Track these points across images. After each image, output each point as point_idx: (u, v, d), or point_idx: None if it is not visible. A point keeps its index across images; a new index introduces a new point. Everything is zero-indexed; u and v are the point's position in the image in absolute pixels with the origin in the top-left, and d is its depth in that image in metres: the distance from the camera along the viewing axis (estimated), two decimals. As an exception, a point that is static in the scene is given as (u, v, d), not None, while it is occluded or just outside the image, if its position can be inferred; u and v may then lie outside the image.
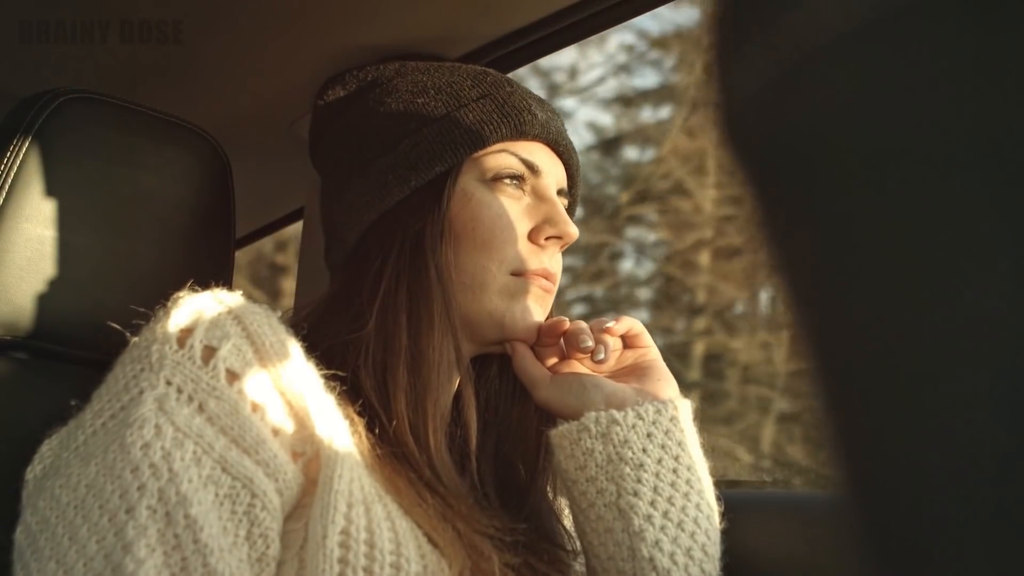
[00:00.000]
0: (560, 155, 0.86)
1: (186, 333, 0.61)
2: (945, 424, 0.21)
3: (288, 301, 1.70)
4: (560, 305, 0.88)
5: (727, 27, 0.25)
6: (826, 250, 0.23)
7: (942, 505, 0.21)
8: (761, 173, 0.25)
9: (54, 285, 0.78)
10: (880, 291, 0.22)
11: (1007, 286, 0.19)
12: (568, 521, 0.81)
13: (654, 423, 0.72)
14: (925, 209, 0.21)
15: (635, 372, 0.79)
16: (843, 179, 0.22)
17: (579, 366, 0.80)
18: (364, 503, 0.61)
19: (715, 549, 0.72)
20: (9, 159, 0.78)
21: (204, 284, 0.68)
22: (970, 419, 0.20)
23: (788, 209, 0.24)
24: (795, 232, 0.24)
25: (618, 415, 0.71)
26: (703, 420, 0.78)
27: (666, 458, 0.71)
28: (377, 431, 0.69)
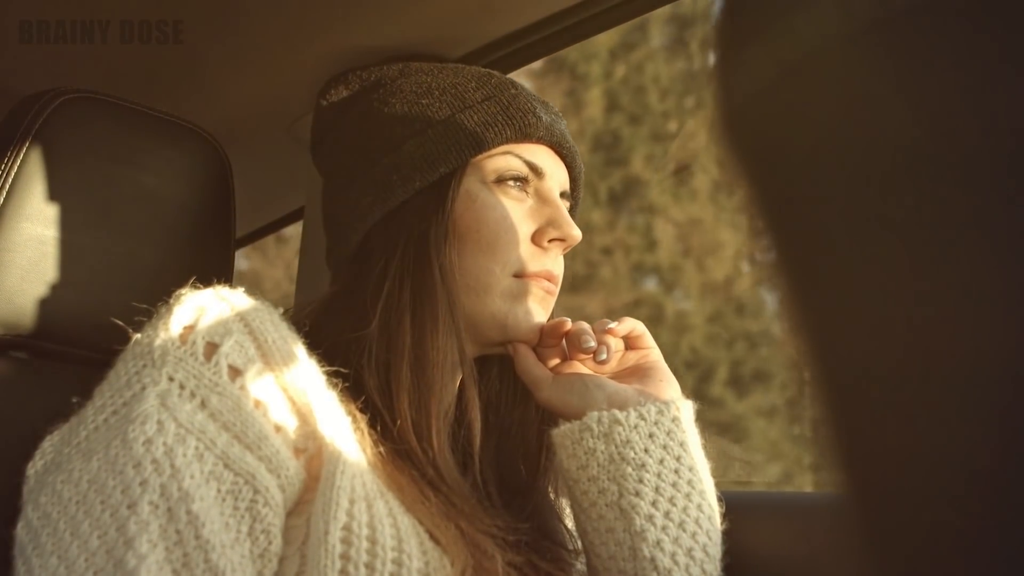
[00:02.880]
0: (563, 158, 0.86)
1: (188, 329, 0.62)
2: (944, 425, 0.21)
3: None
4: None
5: (728, 27, 0.25)
6: (824, 250, 0.23)
7: (940, 506, 0.21)
8: (760, 173, 0.25)
9: (55, 285, 0.78)
10: (878, 292, 0.22)
11: (1004, 288, 0.19)
12: (570, 521, 0.81)
13: (656, 423, 0.72)
14: (924, 210, 0.21)
15: (637, 373, 0.79)
16: (842, 180, 0.22)
17: (581, 367, 0.80)
18: (366, 499, 0.61)
19: (716, 549, 0.73)
20: (9, 159, 0.78)
21: (205, 283, 0.68)
22: (968, 419, 0.20)
23: (787, 209, 0.24)
24: (793, 232, 0.24)
25: (620, 415, 0.71)
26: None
27: (668, 458, 0.71)
28: (379, 429, 0.69)
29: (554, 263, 0.82)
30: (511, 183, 0.81)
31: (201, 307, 0.64)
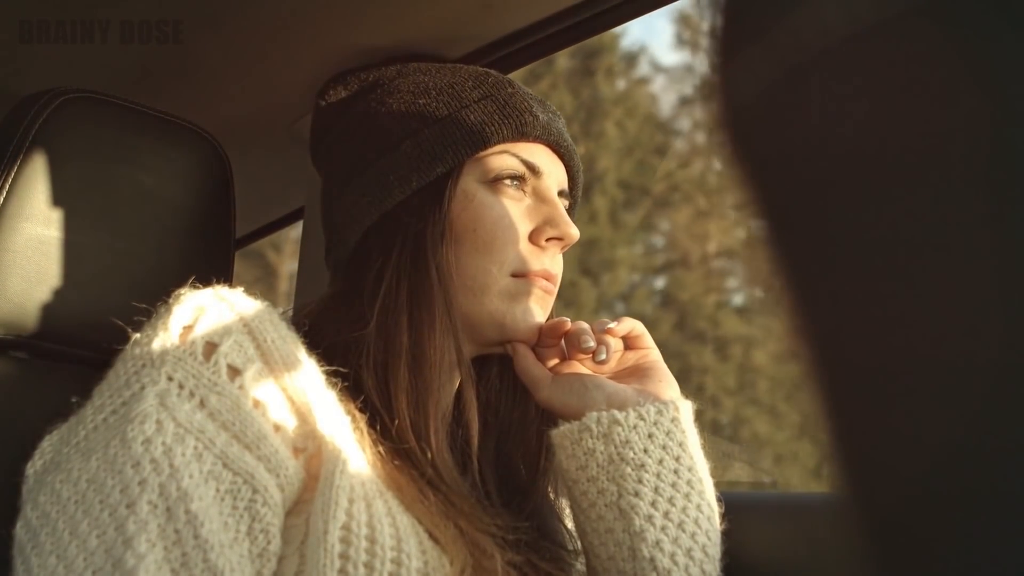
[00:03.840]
0: (561, 156, 0.85)
1: (187, 329, 0.62)
2: (943, 423, 0.21)
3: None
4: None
5: (729, 29, 0.25)
6: (825, 251, 0.23)
7: (940, 507, 0.21)
8: (762, 175, 0.25)
9: (54, 285, 0.78)
10: (880, 294, 0.22)
11: (1003, 288, 0.19)
12: (570, 521, 0.81)
13: (655, 424, 0.72)
14: (925, 211, 0.21)
15: (636, 373, 0.79)
16: (844, 182, 0.22)
17: (580, 367, 0.80)
18: (365, 499, 0.61)
19: (715, 550, 0.73)
20: (9, 159, 0.78)
21: (204, 284, 0.68)
22: (966, 420, 0.20)
23: (789, 211, 0.24)
24: (796, 235, 0.24)
25: (620, 415, 0.71)
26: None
27: (667, 459, 0.71)
28: (378, 428, 0.69)
29: (552, 262, 0.82)
30: (508, 182, 0.81)
31: (200, 307, 0.64)
